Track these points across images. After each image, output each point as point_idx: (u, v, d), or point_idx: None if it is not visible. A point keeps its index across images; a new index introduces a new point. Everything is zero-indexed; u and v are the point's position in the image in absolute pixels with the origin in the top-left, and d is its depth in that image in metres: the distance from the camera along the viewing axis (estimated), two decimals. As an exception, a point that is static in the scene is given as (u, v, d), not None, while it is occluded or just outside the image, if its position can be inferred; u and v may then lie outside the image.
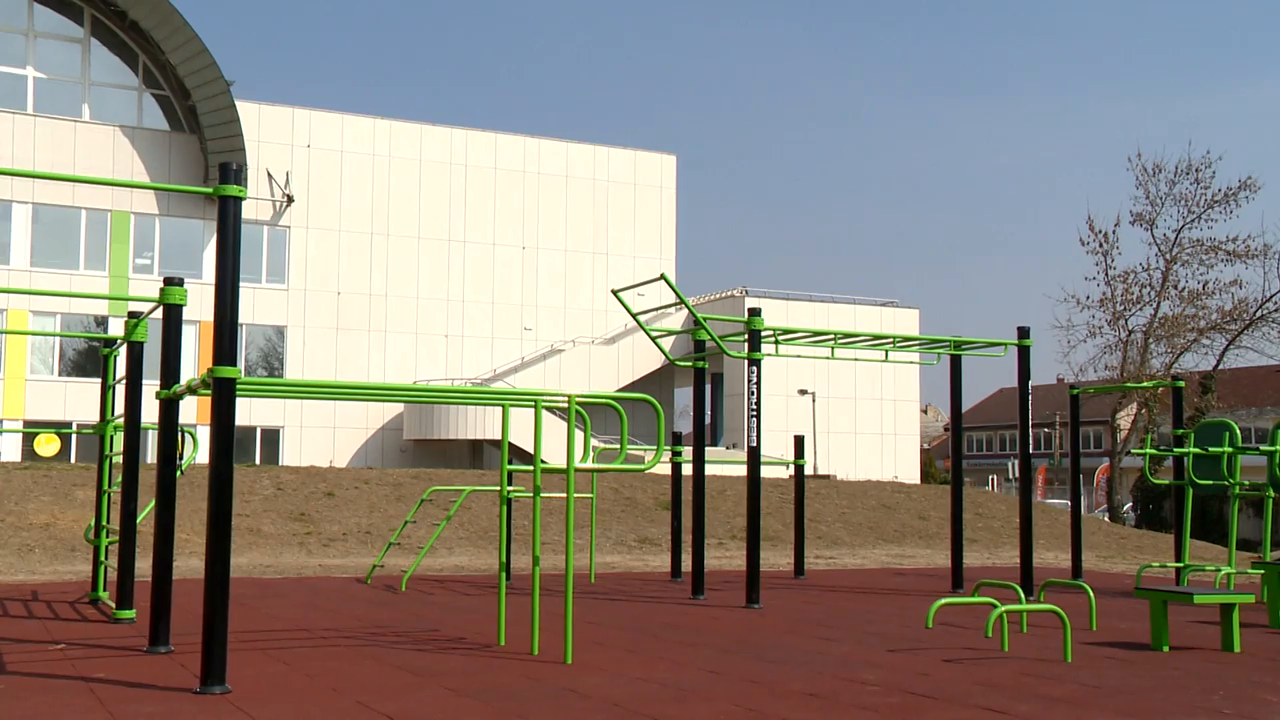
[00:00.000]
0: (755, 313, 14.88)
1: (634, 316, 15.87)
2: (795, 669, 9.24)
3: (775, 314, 41.04)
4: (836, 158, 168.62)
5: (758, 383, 14.51)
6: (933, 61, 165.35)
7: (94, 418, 37.30)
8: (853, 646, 10.60)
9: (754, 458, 14.45)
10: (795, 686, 8.42)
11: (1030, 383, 16.59)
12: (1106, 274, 43.89)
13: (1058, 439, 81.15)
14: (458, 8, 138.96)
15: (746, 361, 14.59)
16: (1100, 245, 43.67)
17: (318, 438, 43.12)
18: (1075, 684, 8.65)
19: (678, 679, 8.72)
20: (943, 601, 10.67)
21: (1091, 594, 12.26)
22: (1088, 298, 44.24)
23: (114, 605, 11.85)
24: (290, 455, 42.25)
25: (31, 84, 41.09)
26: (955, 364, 16.84)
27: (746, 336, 14.83)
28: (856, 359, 18.28)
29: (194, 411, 35.25)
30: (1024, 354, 16.45)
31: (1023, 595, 11.85)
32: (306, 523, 23.42)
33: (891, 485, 34.89)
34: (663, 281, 14.71)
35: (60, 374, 40.93)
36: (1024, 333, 16.49)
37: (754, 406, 14.51)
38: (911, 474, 48.60)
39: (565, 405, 9.99)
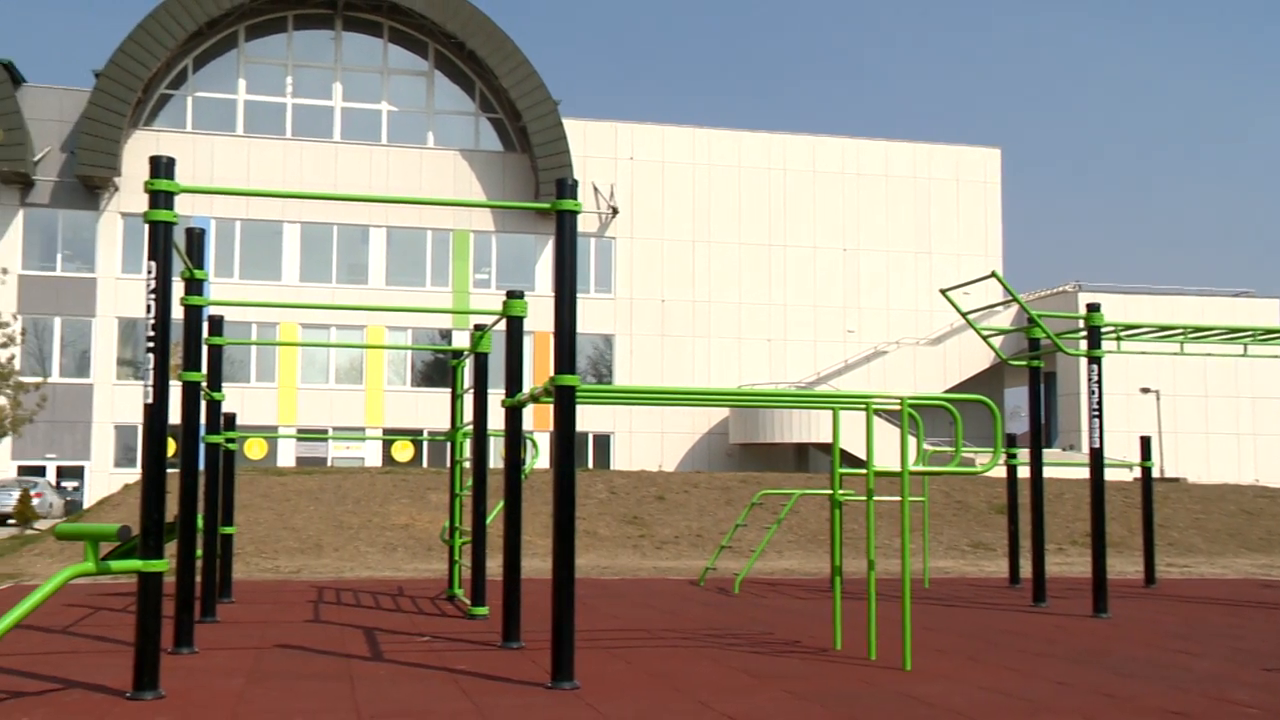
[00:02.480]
0: (1094, 308, 14.13)
1: (964, 316, 15.43)
2: (1154, 684, 8.68)
3: (1113, 309, 38.79)
4: (1170, 143, 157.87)
5: (1099, 381, 13.78)
6: (1270, 36, 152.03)
7: (440, 424, 39.89)
8: (1219, 662, 9.85)
9: (1097, 459, 13.73)
10: (1155, 702, 7.90)
11: None
12: None
13: None
14: (772, 13, 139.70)
15: (1085, 360, 13.88)
16: None
17: (646, 442, 44.36)
18: None
19: (1024, 689, 8.38)
20: (1322, 616, 9.75)
21: None
22: None
23: (469, 602, 12.59)
24: (620, 460, 43.68)
25: (385, 117, 44.53)
26: (1327, 356, 15.40)
27: (1085, 333, 14.11)
28: (1209, 354, 17.07)
29: (531, 418, 37.07)
30: None
31: None
32: (639, 525, 24.11)
33: (1253, 489, 32.24)
34: (989, 279, 14.24)
35: (412, 385, 44.01)
36: None
37: (1095, 406, 13.79)
38: (1276, 477, 44.79)
39: (896, 408, 9.82)
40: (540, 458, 18.51)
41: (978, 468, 9.71)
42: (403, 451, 42.60)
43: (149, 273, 8.03)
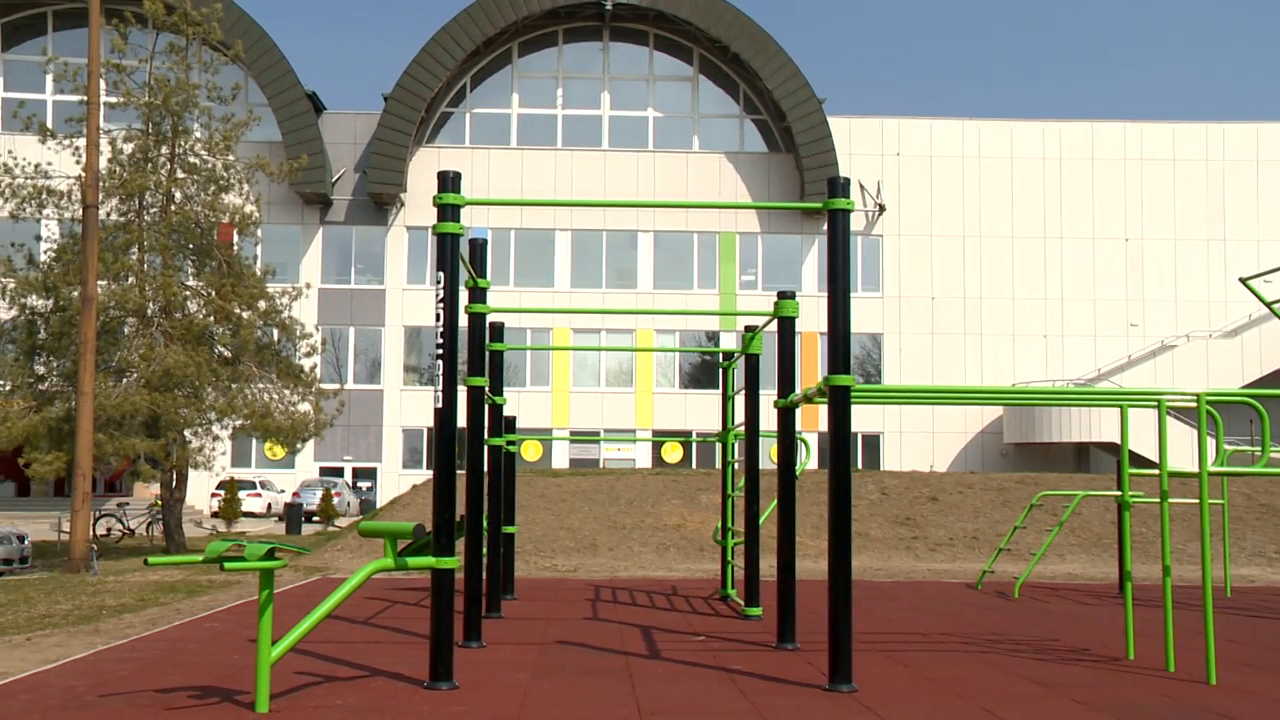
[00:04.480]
0: None
1: (1268, 305, 14.35)
2: None
3: None
4: None
5: None
6: None
7: (707, 425, 40.26)
8: None
9: None
10: None
11: None
12: None
13: None
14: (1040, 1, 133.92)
15: None
16: None
17: (917, 442, 43.42)
18: None
19: (1347, 711, 7.71)
20: None
21: None
22: None
23: (742, 602, 12.65)
24: (890, 460, 42.89)
25: (651, 124, 45.37)
26: None
27: None
28: None
29: (799, 418, 36.87)
30: None
31: None
32: (912, 527, 23.63)
33: None
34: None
35: (680, 387, 44.60)
36: None
37: None
38: None
39: (1190, 405, 9.25)
40: (809, 458, 18.38)
41: (1287, 469, 9.03)
42: (672, 453, 43.23)
43: (437, 283, 8.43)
